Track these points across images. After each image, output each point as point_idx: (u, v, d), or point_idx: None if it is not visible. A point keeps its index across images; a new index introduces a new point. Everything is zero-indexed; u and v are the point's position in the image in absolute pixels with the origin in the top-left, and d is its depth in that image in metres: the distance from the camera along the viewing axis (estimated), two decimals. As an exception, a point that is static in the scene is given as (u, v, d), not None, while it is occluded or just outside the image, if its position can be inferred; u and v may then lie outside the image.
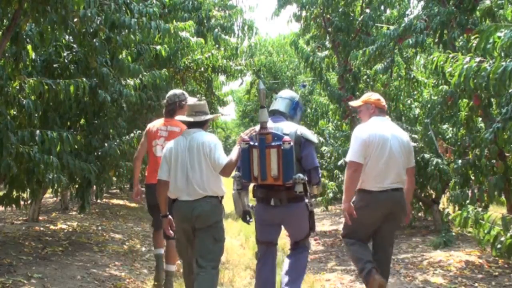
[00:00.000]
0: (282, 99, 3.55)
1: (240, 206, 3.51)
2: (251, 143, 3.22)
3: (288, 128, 3.33)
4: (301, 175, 3.17)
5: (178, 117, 3.65)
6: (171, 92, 4.27)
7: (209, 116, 3.45)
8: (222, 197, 3.36)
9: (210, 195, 3.27)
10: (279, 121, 3.40)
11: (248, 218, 3.56)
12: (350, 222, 3.34)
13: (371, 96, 3.65)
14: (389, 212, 3.38)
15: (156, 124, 4.29)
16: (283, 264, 3.49)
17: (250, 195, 3.58)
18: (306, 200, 3.33)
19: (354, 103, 3.80)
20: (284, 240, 5.16)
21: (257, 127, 3.29)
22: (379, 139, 3.34)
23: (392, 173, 3.35)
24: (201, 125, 3.40)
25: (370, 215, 3.39)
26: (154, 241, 4.47)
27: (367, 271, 3.34)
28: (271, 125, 3.29)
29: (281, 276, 3.41)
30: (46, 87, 4.08)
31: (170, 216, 3.38)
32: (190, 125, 3.41)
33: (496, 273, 4.20)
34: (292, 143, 3.16)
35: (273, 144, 3.15)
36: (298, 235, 3.42)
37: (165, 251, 4.25)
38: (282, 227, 3.51)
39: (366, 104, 3.61)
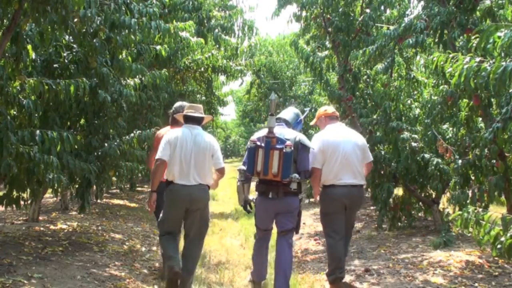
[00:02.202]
0: (292, 112, 4.27)
1: (242, 196, 4.10)
2: (258, 143, 3.86)
3: (290, 134, 3.95)
4: (296, 175, 3.80)
5: (179, 114, 4.16)
6: (177, 104, 4.64)
7: (204, 115, 4.10)
8: (209, 186, 4.07)
9: (204, 183, 3.95)
10: (283, 128, 4.03)
11: (248, 208, 4.14)
12: (317, 198, 4.25)
13: (320, 109, 4.44)
14: (348, 204, 4.09)
15: (163, 131, 4.72)
16: (275, 260, 4.03)
17: (252, 189, 4.19)
18: (300, 196, 3.97)
19: (312, 122, 4.54)
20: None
21: (260, 132, 4.01)
22: (331, 144, 4.05)
23: (348, 171, 4.03)
24: (199, 122, 4.03)
25: (333, 205, 4.09)
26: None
27: (334, 278, 4.07)
28: (276, 130, 3.90)
29: (274, 272, 3.97)
30: (46, 87, 4.08)
31: (155, 195, 4.04)
32: (189, 120, 4.00)
33: (496, 273, 4.19)
34: (292, 148, 3.78)
35: (277, 146, 3.79)
36: (285, 224, 3.98)
37: None
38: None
39: (319, 118, 4.38)
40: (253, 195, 4.18)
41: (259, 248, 4.12)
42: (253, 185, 4.20)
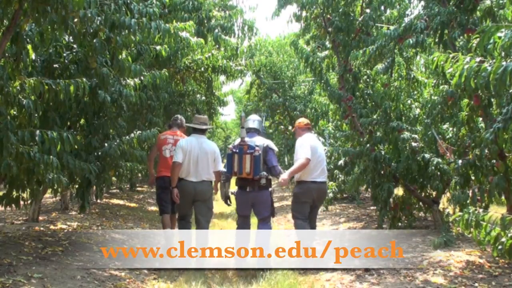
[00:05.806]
0: (253, 121, 5.30)
1: (223, 192, 5.22)
2: (234, 150, 4.97)
3: (259, 141, 5.06)
4: (264, 173, 4.92)
5: (187, 124, 5.68)
6: (174, 117, 6.20)
7: (207, 126, 5.32)
8: (211, 181, 5.15)
9: (208, 180, 5.07)
10: (254, 136, 5.12)
11: (228, 202, 5.27)
12: (285, 184, 5.03)
13: (297, 120, 5.50)
14: (316, 197, 5.12)
15: (164, 135, 5.96)
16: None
17: (232, 184, 5.24)
18: (270, 189, 5.05)
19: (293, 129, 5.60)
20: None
21: (235, 142, 5.13)
22: (314, 146, 5.05)
23: (319, 170, 5.07)
24: (203, 132, 5.19)
25: (305, 198, 5.08)
26: (162, 224, 5.80)
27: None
28: (248, 139, 5.00)
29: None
30: (46, 87, 4.07)
31: (177, 189, 5.03)
32: (196, 130, 5.16)
33: (496, 273, 4.19)
34: (260, 152, 4.91)
35: (248, 151, 4.89)
36: (262, 212, 5.05)
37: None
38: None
39: (296, 128, 5.40)
40: (233, 188, 5.23)
41: (240, 229, 5.08)
42: (233, 181, 5.24)
